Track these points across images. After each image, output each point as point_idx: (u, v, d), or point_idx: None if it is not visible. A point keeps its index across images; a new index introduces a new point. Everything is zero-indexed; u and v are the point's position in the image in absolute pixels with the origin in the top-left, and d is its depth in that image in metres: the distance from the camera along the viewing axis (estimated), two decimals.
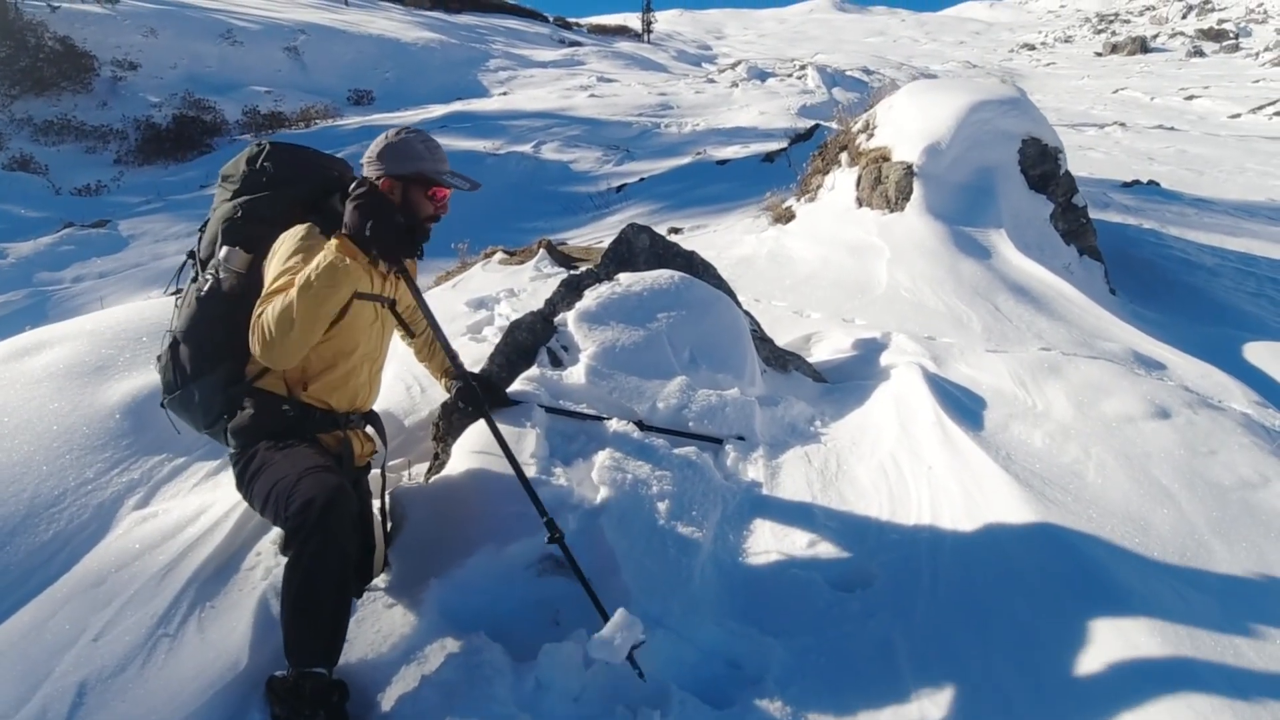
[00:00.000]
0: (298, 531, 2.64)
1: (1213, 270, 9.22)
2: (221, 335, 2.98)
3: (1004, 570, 3.02)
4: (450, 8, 52.69)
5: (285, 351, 2.71)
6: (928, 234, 7.34)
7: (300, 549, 2.63)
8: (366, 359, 3.20)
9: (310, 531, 2.61)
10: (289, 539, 2.77)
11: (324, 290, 2.65)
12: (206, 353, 3.00)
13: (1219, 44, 52.81)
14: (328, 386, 3.06)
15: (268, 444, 2.94)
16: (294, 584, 2.62)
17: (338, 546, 2.65)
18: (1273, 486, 3.59)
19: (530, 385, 3.97)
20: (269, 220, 3.04)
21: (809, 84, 30.88)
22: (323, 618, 2.63)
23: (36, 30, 27.93)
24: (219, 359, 3.01)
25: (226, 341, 2.99)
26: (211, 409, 3.04)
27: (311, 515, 2.62)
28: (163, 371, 3.09)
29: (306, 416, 3.02)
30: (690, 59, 50.61)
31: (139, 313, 4.86)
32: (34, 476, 3.57)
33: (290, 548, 2.70)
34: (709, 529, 3.39)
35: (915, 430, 3.97)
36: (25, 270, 13.05)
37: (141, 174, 23.02)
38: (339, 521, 2.65)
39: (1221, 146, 18.63)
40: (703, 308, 4.57)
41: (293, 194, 3.12)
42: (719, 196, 13.52)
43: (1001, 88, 9.09)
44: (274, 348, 2.69)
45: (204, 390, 3.02)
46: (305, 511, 2.63)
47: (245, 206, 3.07)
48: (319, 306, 2.67)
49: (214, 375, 3.01)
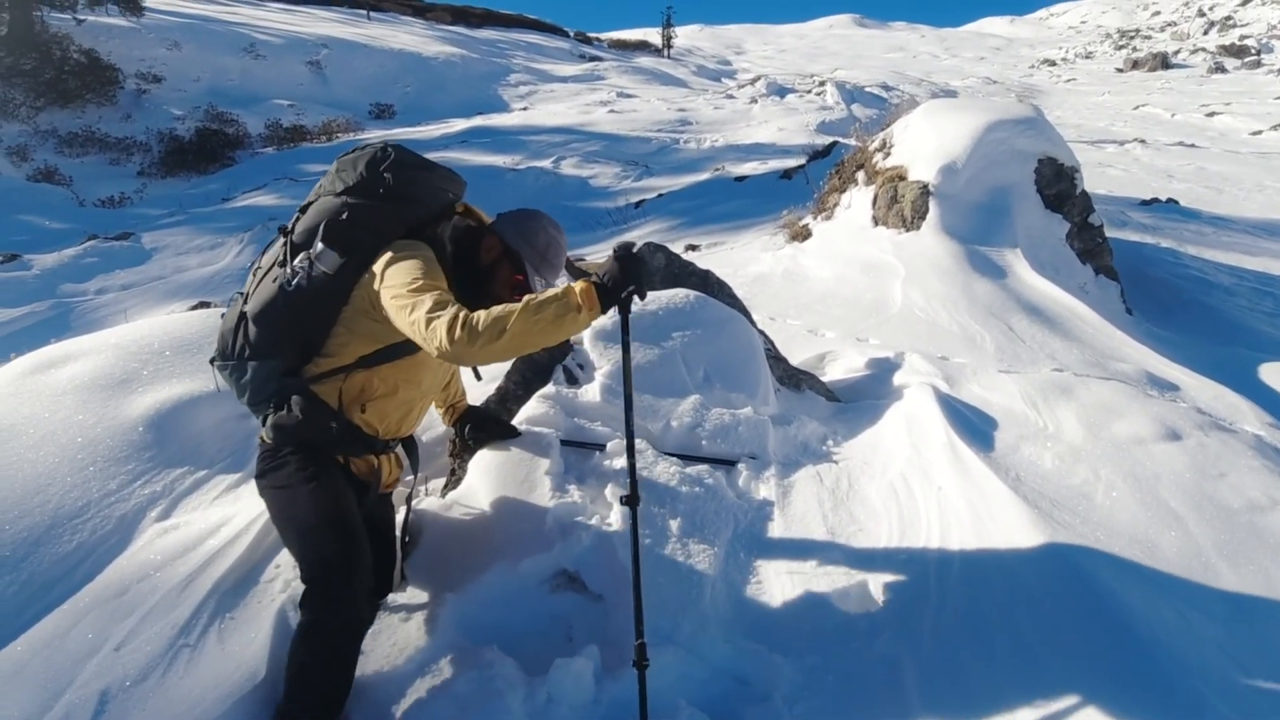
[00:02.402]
0: (313, 600, 2.71)
1: (1229, 290, 9.21)
2: (293, 327, 2.95)
3: (1011, 592, 3.04)
4: (471, 22, 53.12)
5: (480, 354, 2.58)
6: (943, 253, 7.37)
7: (314, 621, 2.69)
8: (428, 393, 3.30)
9: (327, 606, 2.69)
10: (305, 600, 2.74)
11: (548, 326, 2.53)
12: (273, 339, 2.96)
13: (1240, 60, 52.52)
14: (382, 412, 3.07)
15: (300, 459, 2.96)
16: (302, 653, 2.68)
17: (353, 624, 2.76)
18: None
19: (546, 403, 4.03)
20: (373, 231, 2.96)
21: (828, 100, 30.96)
22: (327, 688, 2.69)
23: (62, 43, 28.32)
24: (283, 348, 2.97)
25: (296, 333, 2.96)
26: (260, 391, 3.02)
27: (330, 588, 2.70)
28: (224, 336, 3.06)
29: (350, 437, 3.01)
30: (710, 74, 50.76)
31: (163, 327, 4.93)
32: (58, 488, 3.62)
33: (305, 611, 2.72)
34: (721, 547, 3.43)
35: (926, 451, 4.00)
36: (49, 282, 13.16)
37: (164, 186, 23.24)
38: (355, 594, 2.74)
39: (1242, 164, 18.55)
40: (717, 327, 4.61)
41: (404, 214, 3.02)
42: (737, 213, 13.57)
43: (1018, 107, 9.12)
44: (470, 346, 2.53)
45: (259, 372, 2.99)
46: (324, 581, 2.71)
47: (353, 212, 2.96)
48: (534, 334, 2.54)
49: (273, 361, 2.97)
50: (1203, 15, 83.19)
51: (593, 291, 2.56)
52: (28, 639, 2.94)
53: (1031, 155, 8.40)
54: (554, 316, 2.52)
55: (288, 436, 2.97)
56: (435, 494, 3.84)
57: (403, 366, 3.03)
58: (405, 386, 3.08)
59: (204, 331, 4.87)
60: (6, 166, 22.19)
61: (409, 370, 3.06)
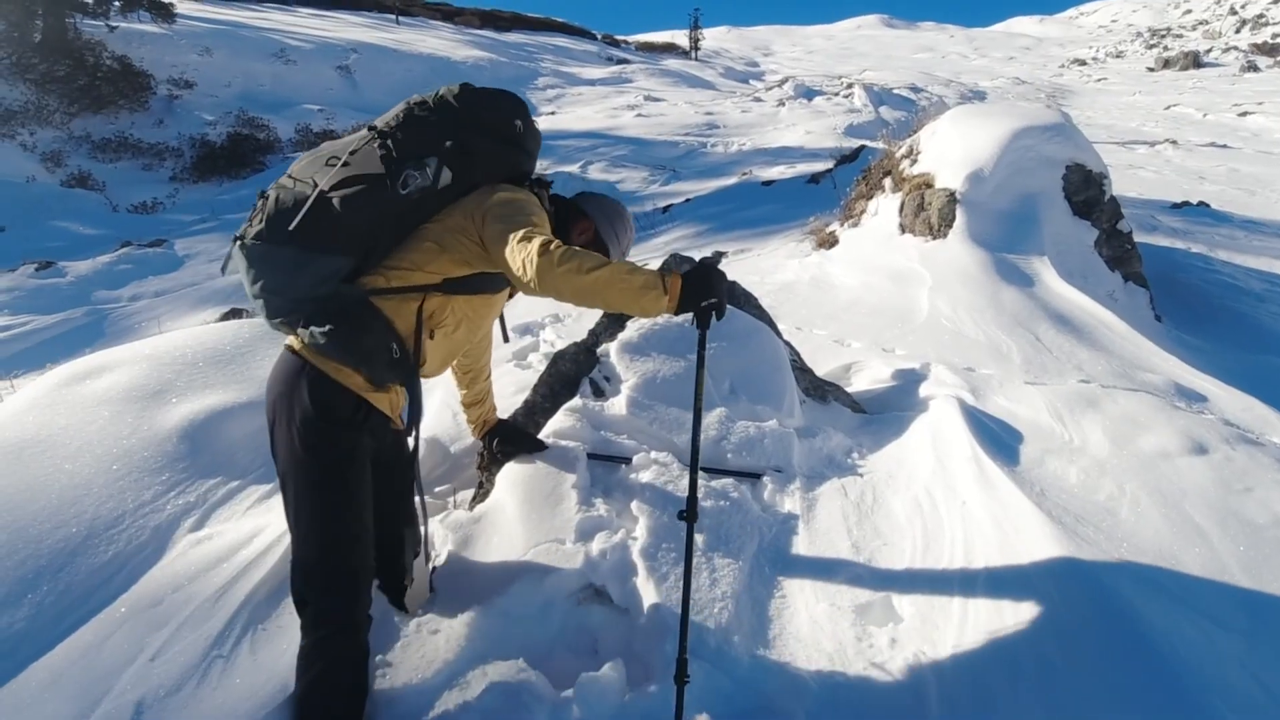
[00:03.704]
0: (317, 627, 2.73)
1: (1260, 296, 9.12)
2: (380, 227, 2.81)
3: (1034, 609, 3.04)
4: (499, 26, 53.46)
5: (558, 279, 2.50)
6: (969, 261, 7.35)
7: (318, 650, 2.71)
8: (475, 342, 3.42)
9: (331, 639, 2.71)
10: (307, 627, 2.75)
11: (630, 291, 2.50)
12: (354, 234, 2.77)
13: (1273, 58, 51.90)
14: (441, 346, 2.97)
15: (327, 443, 2.72)
16: (308, 677, 2.72)
17: (356, 649, 2.77)
18: None
19: (573, 416, 4.07)
20: (485, 168, 2.97)
21: (856, 103, 30.93)
22: (339, 709, 2.72)
23: (95, 49, 28.81)
24: (355, 246, 2.79)
25: (378, 235, 2.82)
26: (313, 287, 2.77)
27: (336, 619, 2.72)
28: (279, 214, 2.76)
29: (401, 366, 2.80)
30: (738, 76, 50.78)
31: (196, 337, 5.01)
32: (94, 498, 3.70)
33: (308, 633, 2.74)
34: (746, 561, 3.45)
35: (951, 464, 4.00)
36: (84, 289, 13.34)
37: (196, 191, 23.53)
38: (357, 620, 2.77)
39: (1275, 165, 18.38)
40: (743, 338, 4.63)
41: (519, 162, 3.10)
42: (764, 219, 13.56)
43: (1046, 113, 9.07)
44: (555, 266, 2.49)
45: (321, 267, 2.75)
46: (331, 613, 2.73)
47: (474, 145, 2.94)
48: (613, 292, 2.50)
49: (336, 260, 2.76)
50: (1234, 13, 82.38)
51: (679, 285, 2.52)
52: (65, 648, 3.01)
53: (1059, 162, 8.36)
54: (640, 286, 2.49)
55: (346, 351, 2.70)
56: (464, 506, 3.88)
57: (475, 303, 3.01)
58: (467, 325, 3.05)
59: (236, 342, 4.96)
60: (41, 172, 22.49)
61: (479, 308, 3.06)
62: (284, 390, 2.74)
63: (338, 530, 2.73)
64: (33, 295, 12.77)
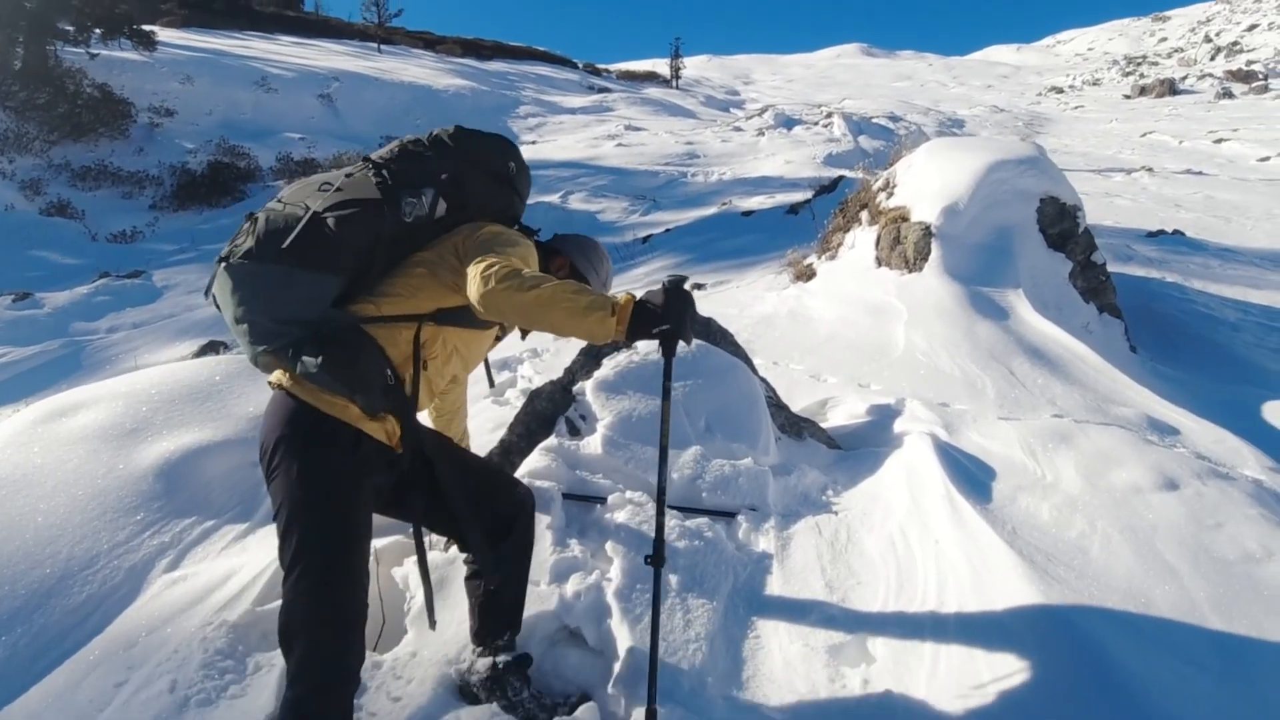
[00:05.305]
0: (303, 677, 2.53)
1: (1235, 325, 9.20)
2: (369, 251, 2.77)
3: (1005, 649, 3.06)
4: (482, 54, 53.69)
5: (500, 296, 2.47)
6: (945, 295, 7.40)
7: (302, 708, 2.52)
8: (461, 380, 3.41)
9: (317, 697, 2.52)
10: (293, 675, 2.56)
11: (575, 312, 2.42)
12: (346, 255, 2.71)
13: (1248, 85, 52.50)
14: (434, 377, 2.91)
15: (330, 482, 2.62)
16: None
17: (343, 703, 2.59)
18: (1277, 560, 3.60)
19: (549, 456, 4.08)
20: (475, 204, 3.03)
21: (835, 132, 31.10)
22: None
23: (75, 77, 28.65)
24: (347, 270, 2.73)
25: (366, 262, 2.78)
26: (297, 312, 2.67)
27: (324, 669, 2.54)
28: (269, 234, 2.68)
29: (394, 396, 2.73)
30: (718, 104, 51.07)
31: (172, 374, 5.01)
32: (69, 538, 3.70)
33: (293, 683, 2.54)
34: (720, 601, 3.46)
35: (924, 502, 4.03)
36: (62, 320, 13.28)
37: (176, 220, 23.43)
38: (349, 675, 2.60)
39: (1250, 191, 18.55)
40: (719, 376, 4.65)
41: (503, 203, 3.15)
42: (743, 250, 13.63)
43: (1020, 146, 9.16)
44: (497, 284, 2.47)
45: (311, 289, 2.66)
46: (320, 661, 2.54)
47: (473, 185, 3.02)
48: (559, 312, 2.43)
49: (327, 279, 2.68)
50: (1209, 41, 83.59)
51: (630, 309, 2.44)
52: (41, 690, 3.01)
53: (1034, 195, 8.42)
54: (584, 306, 2.41)
55: (340, 379, 2.60)
56: (439, 547, 3.88)
57: (466, 336, 2.96)
58: (459, 358, 3.00)
59: (212, 379, 4.95)
60: (20, 200, 22.36)
61: (470, 341, 3.01)
62: (284, 433, 2.64)
63: (337, 573, 2.59)
64: (10, 327, 12.69)
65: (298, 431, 2.64)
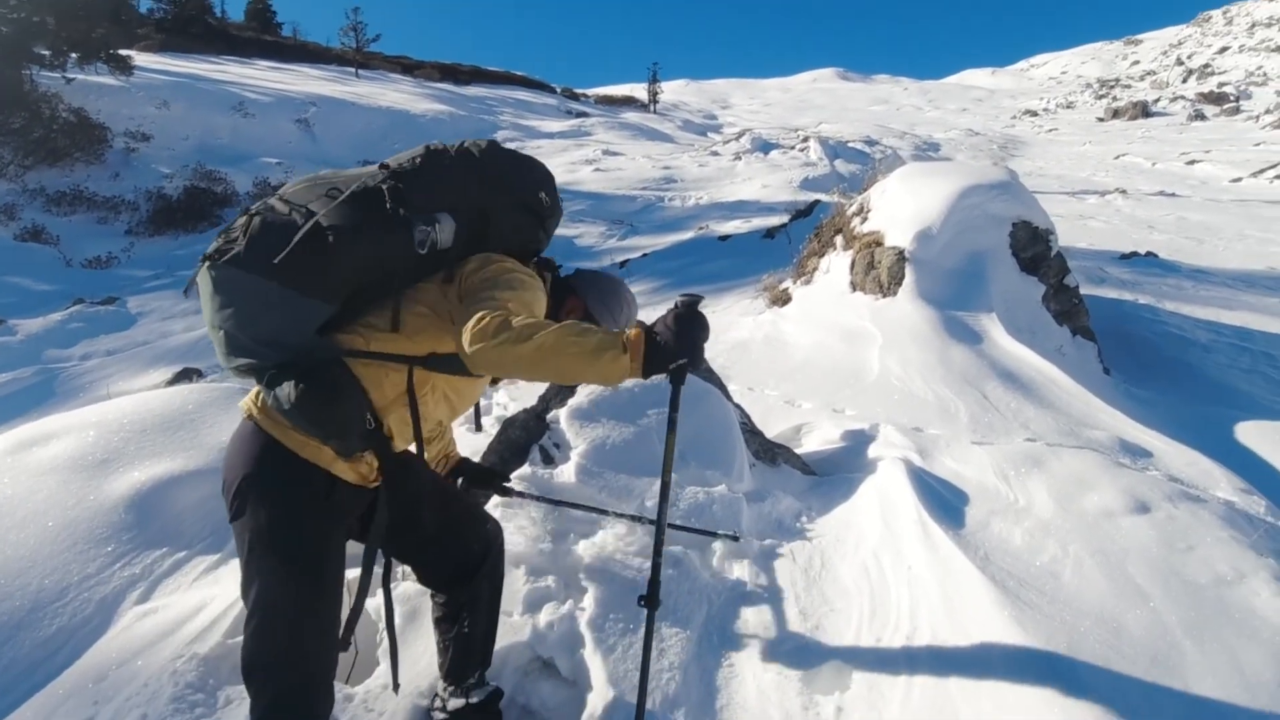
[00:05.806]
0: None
1: (1207, 347, 9.28)
2: (369, 279, 2.52)
3: (978, 675, 3.05)
4: (460, 79, 53.84)
5: (494, 351, 2.25)
6: (919, 320, 7.44)
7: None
8: (447, 425, 3.21)
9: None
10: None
11: (583, 356, 2.23)
12: (340, 281, 2.46)
13: (1220, 107, 53.31)
14: (423, 418, 2.64)
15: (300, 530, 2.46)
16: None
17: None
18: (1248, 583, 3.61)
19: (522, 485, 4.06)
20: (495, 238, 2.75)
21: (811, 156, 31.26)
22: None
23: (51, 102, 28.54)
24: (341, 296, 2.49)
25: (363, 290, 2.53)
26: (277, 333, 2.42)
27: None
28: (261, 237, 2.42)
29: (376, 439, 2.55)
30: (696, 129, 51.34)
31: (144, 404, 4.98)
32: (39, 570, 3.67)
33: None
34: (694, 630, 3.45)
35: (898, 528, 4.03)
36: (34, 347, 13.22)
37: (152, 245, 23.39)
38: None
39: (1222, 212, 18.78)
40: (693, 402, 4.63)
41: (526, 238, 2.88)
42: (720, 274, 13.65)
43: (993, 171, 9.25)
44: (490, 339, 2.25)
45: (299, 311, 2.41)
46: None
47: (498, 215, 2.74)
48: (564, 359, 2.23)
49: (317, 305, 2.44)
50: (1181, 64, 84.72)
51: (643, 343, 2.27)
52: None
53: (1006, 219, 8.50)
54: (593, 348, 2.23)
55: (314, 423, 2.38)
56: (412, 577, 3.85)
57: (457, 383, 2.69)
58: (445, 404, 2.73)
59: (185, 408, 4.91)
60: None
61: (462, 389, 2.75)
62: (250, 472, 2.45)
63: (304, 627, 2.45)
64: None
65: (264, 472, 2.46)
